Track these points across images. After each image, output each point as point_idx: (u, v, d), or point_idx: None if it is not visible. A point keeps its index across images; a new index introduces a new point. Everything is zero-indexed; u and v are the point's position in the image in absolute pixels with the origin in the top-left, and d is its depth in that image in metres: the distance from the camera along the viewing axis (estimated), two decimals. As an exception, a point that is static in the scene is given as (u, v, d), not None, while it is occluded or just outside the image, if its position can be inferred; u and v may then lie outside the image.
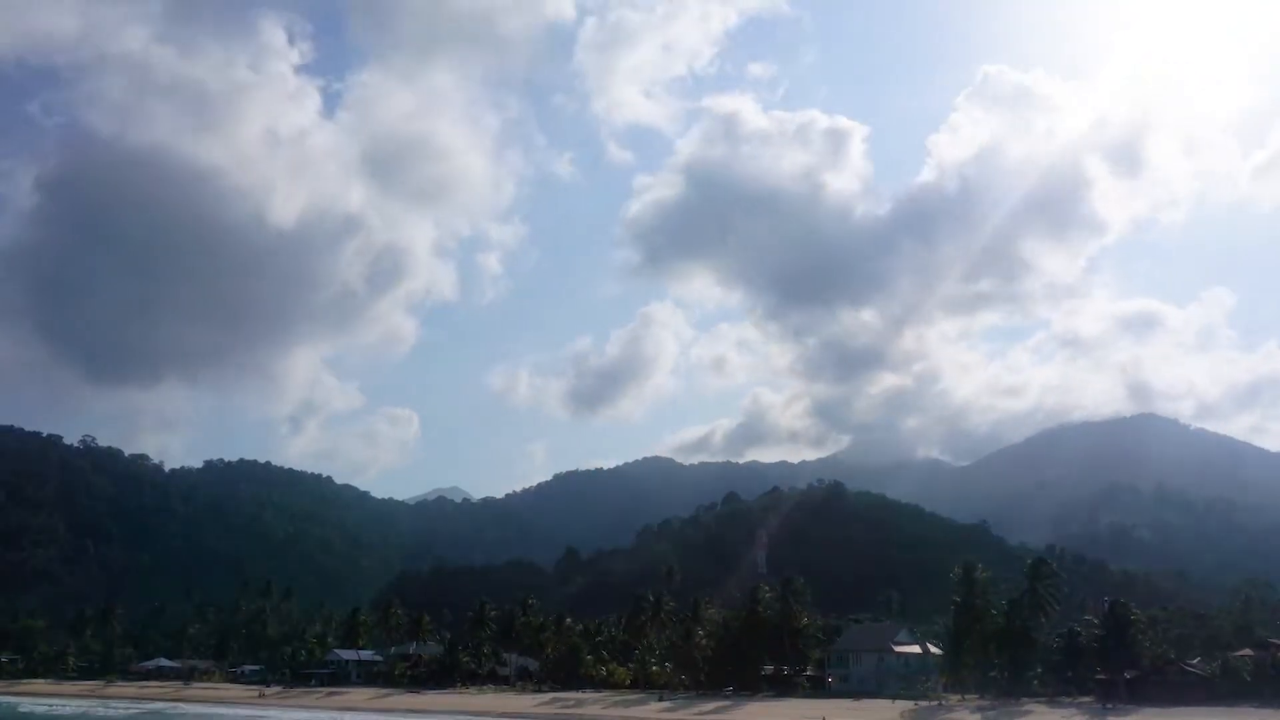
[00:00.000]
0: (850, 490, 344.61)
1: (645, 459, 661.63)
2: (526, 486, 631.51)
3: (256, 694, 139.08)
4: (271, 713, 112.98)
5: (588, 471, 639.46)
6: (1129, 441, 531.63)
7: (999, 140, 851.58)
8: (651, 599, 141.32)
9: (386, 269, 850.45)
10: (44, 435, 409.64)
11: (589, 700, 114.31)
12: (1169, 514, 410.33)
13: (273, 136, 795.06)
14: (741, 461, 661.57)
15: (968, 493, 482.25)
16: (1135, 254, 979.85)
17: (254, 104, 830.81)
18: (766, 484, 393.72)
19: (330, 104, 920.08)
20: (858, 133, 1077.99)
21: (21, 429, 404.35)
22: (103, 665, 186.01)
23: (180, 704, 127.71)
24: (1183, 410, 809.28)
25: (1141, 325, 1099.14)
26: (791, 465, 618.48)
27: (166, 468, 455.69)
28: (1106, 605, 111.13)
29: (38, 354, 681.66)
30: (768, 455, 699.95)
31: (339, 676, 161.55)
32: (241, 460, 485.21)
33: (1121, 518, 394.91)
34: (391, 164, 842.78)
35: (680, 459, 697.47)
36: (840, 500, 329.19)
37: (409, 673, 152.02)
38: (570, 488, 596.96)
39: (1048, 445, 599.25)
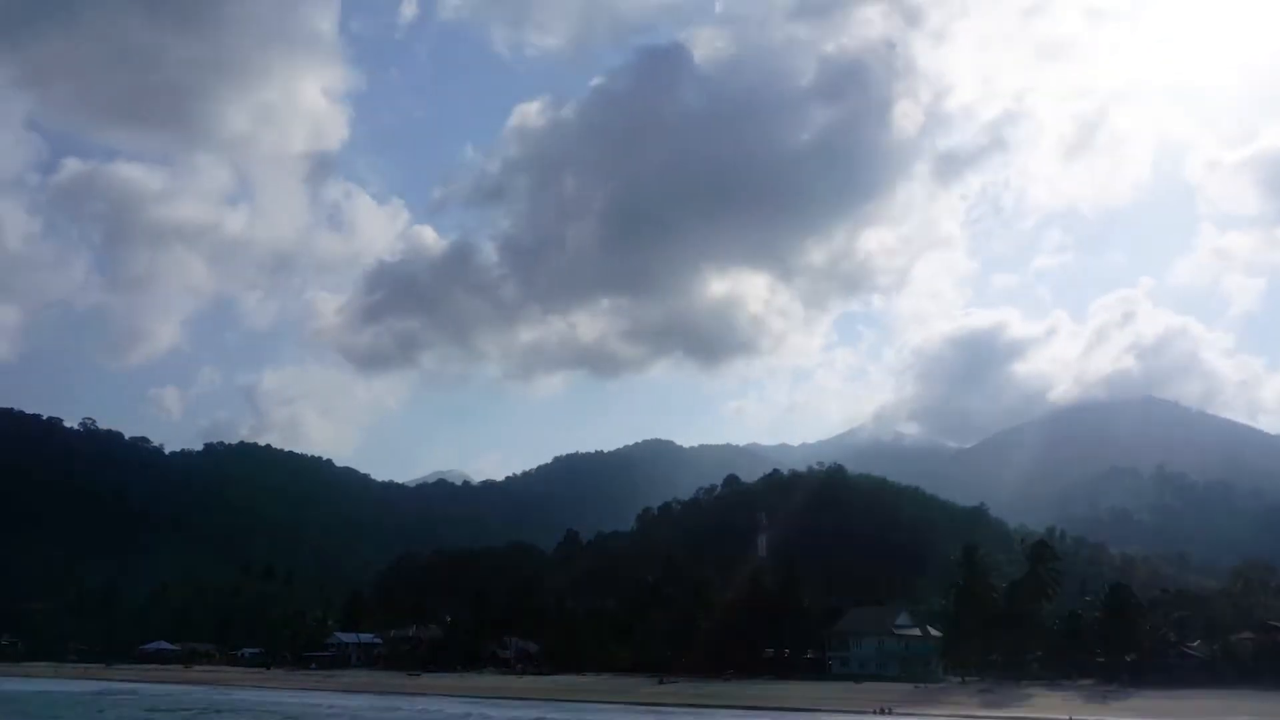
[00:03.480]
0: (850, 473, 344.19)
1: (645, 441, 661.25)
2: (527, 469, 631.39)
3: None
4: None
5: (588, 454, 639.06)
6: (1129, 424, 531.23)
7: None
8: (652, 582, 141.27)
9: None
10: (44, 418, 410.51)
11: (588, 683, 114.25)
12: (1169, 497, 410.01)
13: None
14: (742, 444, 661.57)
15: (968, 475, 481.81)
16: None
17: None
18: (767, 466, 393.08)
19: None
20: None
21: (21, 412, 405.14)
22: (104, 648, 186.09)
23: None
24: (1184, 393, 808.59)
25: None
26: (792, 448, 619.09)
27: (167, 450, 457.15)
28: (1107, 588, 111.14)
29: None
30: (769, 438, 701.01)
31: (340, 659, 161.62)
32: (241, 443, 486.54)
33: (1122, 501, 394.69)
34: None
35: (681, 441, 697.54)
36: (840, 483, 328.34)
37: (410, 655, 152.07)
38: (571, 470, 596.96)
39: (1048, 428, 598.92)
